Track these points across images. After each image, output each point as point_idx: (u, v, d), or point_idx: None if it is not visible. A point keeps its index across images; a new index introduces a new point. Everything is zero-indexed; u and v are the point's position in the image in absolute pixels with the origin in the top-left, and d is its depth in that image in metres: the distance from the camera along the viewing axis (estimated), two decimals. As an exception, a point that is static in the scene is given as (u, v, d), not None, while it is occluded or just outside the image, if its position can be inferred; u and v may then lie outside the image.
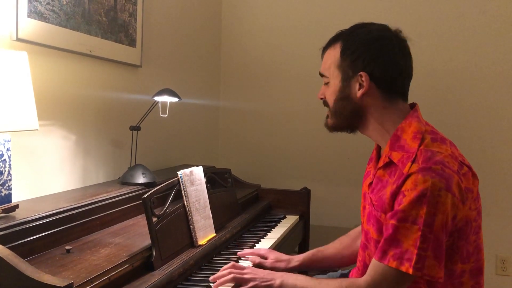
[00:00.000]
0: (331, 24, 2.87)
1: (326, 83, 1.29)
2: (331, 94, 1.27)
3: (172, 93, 1.94)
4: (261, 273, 1.33)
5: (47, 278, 0.94)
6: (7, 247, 1.03)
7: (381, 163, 1.24)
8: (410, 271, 1.07)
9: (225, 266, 1.36)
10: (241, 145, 3.16)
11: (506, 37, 2.64)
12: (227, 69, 3.19)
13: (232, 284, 1.31)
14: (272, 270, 1.46)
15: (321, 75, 1.31)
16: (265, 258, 1.55)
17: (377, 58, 1.19)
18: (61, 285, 0.92)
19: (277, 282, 1.28)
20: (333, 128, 1.31)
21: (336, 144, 2.84)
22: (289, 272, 1.48)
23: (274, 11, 3.07)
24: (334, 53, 1.26)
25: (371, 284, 1.13)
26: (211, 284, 1.33)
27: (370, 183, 1.28)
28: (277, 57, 3.05)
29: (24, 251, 1.17)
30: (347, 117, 1.26)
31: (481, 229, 1.20)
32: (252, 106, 3.13)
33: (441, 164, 1.09)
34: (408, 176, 1.11)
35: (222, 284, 1.30)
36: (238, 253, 1.60)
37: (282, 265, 1.53)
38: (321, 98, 1.32)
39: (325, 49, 1.31)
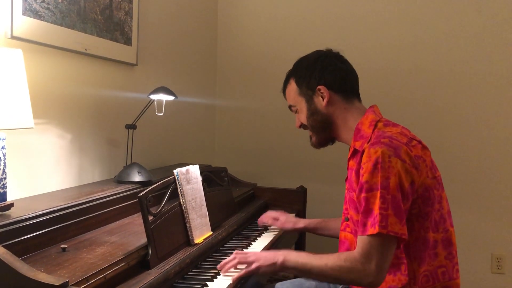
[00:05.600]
0: (327, 22, 2.89)
1: (296, 112, 1.53)
2: (303, 116, 1.49)
3: (168, 91, 1.93)
4: (264, 254, 1.40)
5: (43, 277, 0.93)
6: (2, 246, 1.03)
7: (349, 154, 1.42)
8: (378, 229, 1.19)
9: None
10: (238, 144, 3.16)
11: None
12: (223, 67, 3.19)
13: (237, 272, 1.38)
14: (282, 228, 1.88)
15: (290, 108, 1.55)
16: (277, 219, 1.88)
17: (324, 71, 1.44)
18: (56, 283, 0.91)
19: (280, 259, 1.35)
20: (318, 144, 1.53)
21: (332, 142, 2.84)
22: (296, 231, 1.88)
23: (270, 9, 3.07)
24: (292, 87, 1.51)
25: (362, 254, 1.23)
26: (207, 283, 1.33)
27: (347, 177, 1.46)
28: (273, 55, 3.04)
29: (19, 250, 1.16)
30: (321, 128, 1.47)
31: (443, 200, 1.35)
32: (249, 104, 3.13)
33: (388, 138, 1.28)
34: (363, 152, 1.30)
35: (229, 268, 1.39)
36: (258, 220, 1.95)
37: (290, 225, 1.84)
38: (299, 126, 1.54)
39: (284, 90, 1.56)
